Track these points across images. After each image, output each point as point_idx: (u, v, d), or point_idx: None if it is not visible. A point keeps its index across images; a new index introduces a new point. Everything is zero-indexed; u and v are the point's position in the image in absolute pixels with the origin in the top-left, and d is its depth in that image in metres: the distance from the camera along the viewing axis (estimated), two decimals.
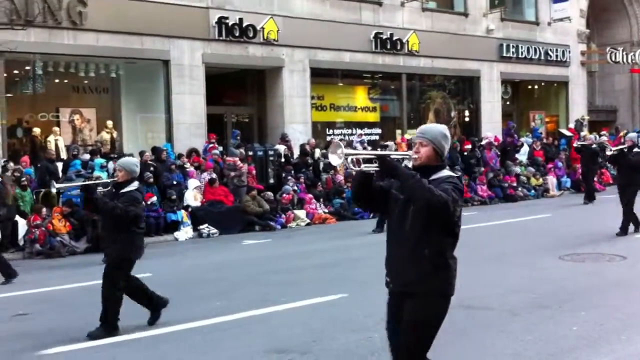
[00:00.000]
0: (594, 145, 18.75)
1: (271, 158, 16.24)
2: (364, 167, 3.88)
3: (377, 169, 3.86)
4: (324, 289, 8.38)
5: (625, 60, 26.36)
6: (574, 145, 19.61)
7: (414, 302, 4.00)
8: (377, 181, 4.06)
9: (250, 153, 16.47)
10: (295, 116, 18.70)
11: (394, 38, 20.46)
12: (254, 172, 15.96)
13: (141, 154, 15.11)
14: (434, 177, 3.88)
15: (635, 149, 12.23)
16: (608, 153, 13.15)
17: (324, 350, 6.04)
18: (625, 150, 12.39)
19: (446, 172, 3.95)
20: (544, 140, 23.74)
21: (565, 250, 10.50)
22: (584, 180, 19.10)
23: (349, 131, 20.39)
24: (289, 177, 16.18)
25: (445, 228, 3.90)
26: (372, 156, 3.93)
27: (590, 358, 5.58)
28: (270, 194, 15.55)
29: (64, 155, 15.29)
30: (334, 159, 3.84)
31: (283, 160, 16.75)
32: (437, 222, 3.84)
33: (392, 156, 3.95)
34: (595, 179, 21.16)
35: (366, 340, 6.24)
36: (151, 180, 13.94)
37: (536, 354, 5.75)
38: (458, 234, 4.00)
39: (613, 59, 26.09)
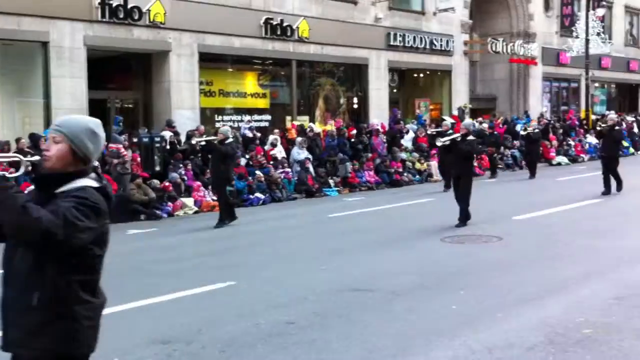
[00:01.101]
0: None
1: (157, 145, 15.81)
2: None
3: None
4: (212, 278, 8.28)
5: (505, 50, 27.52)
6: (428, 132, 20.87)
7: None
8: None
9: (135, 140, 15.98)
10: (182, 102, 18.31)
11: (284, 24, 20.42)
12: (138, 159, 15.50)
13: (17, 140, 14.34)
14: (63, 188, 2.85)
15: (469, 137, 11.88)
16: (438, 144, 12.76)
17: (211, 338, 5.96)
18: (459, 139, 11.89)
19: (81, 183, 2.89)
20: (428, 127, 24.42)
21: (447, 233, 10.90)
22: None
23: (239, 117, 20.20)
24: (177, 165, 15.85)
25: (68, 263, 2.81)
26: None
27: (469, 335, 5.79)
28: (156, 181, 15.17)
29: None
30: None
31: (169, 147, 16.37)
32: (48, 255, 2.76)
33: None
34: (475, 163, 22.10)
35: (254, 327, 6.22)
36: (29, 169, 13.21)
37: (418, 332, 5.92)
38: (96, 267, 3.00)
39: (493, 49, 27.17)
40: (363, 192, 18.61)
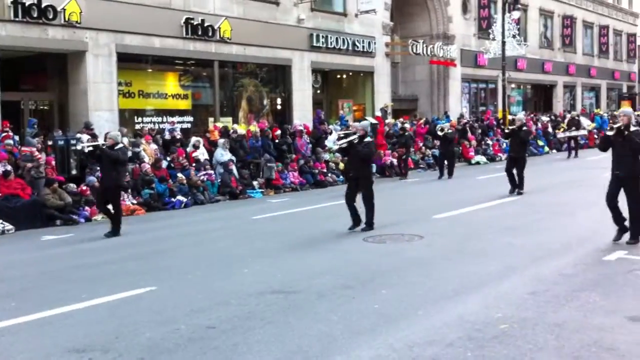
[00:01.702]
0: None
1: (73, 148, 15.28)
2: None
3: None
4: (131, 283, 8.07)
5: (425, 52, 28.03)
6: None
7: None
8: None
9: (50, 142, 15.42)
10: (100, 103, 17.80)
11: (206, 24, 20.16)
12: (53, 162, 14.96)
13: None
14: None
15: (367, 139, 11.50)
16: (334, 147, 12.84)
17: (129, 346, 5.80)
18: (356, 140, 11.51)
19: None
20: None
21: (369, 233, 10.99)
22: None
23: (159, 119, 19.82)
24: (94, 168, 15.38)
25: None
26: None
27: (390, 333, 5.84)
28: (72, 185, 14.69)
29: None
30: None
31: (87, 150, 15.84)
32: None
33: None
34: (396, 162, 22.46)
35: (173, 333, 6.08)
36: None
37: (340, 332, 5.92)
38: None
39: (414, 50, 27.64)
40: (287, 193, 18.58)
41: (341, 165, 21.33)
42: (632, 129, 9.25)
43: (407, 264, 8.73)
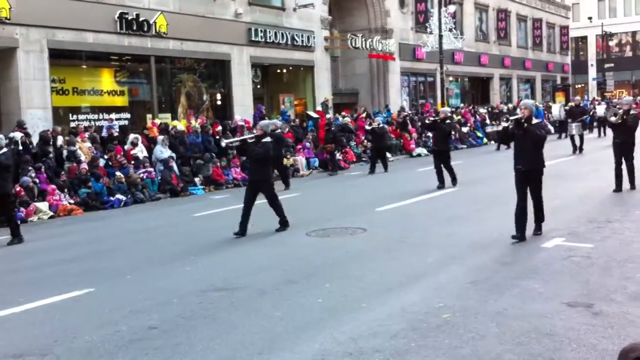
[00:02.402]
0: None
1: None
2: None
3: None
4: (69, 285, 7.86)
5: (364, 46, 28.18)
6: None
7: None
8: None
9: None
10: (33, 101, 17.26)
11: (141, 19, 19.77)
12: None
13: None
14: None
15: (265, 139, 10.77)
16: (223, 144, 12.42)
17: (67, 349, 5.65)
18: (253, 139, 10.87)
19: None
20: (292, 123, 24.60)
21: (313, 227, 10.96)
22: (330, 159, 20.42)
23: (95, 116, 19.35)
24: (29, 168, 14.92)
25: None
26: None
27: (334, 327, 5.82)
28: None
29: None
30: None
31: (21, 148, 15.37)
32: None
33: None
34: (340, 157, 22.50)
35: (113, 335, 5.95)
36: None
37: (284, 328, 5.88)
38: None
39: (353, 44, 27.73)
40: (230, 189, 18.41)
41: (285, 161, 21.24)
42: (535, 121, 9.15)
43: (351, 257, 8.74)
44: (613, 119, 13.04)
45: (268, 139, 10.88)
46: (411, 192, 14.77)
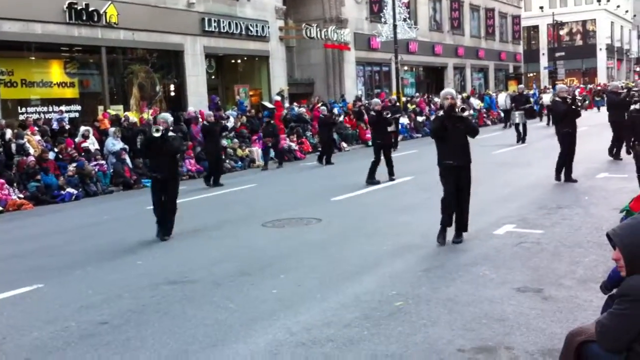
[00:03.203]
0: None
1: None
2: None
3: None
4: (16, 282, 7.66)
5: (319, 36, 28.11)
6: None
7: None
8: None
9: None
10: None
11: (90, 9, 19.36)
12: None
13: None
14: None
15: (170, 134, 10.12)
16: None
17: (15, 347, 5.53)
18: (158, 134, 9.72)
19: None
20: (247, 113, 24.44)
21: (268, 217, 10.91)
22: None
23: (45, 109, 18.91)
24: None
25: None
26: None
27: (289, 318, 5.81)
28: None
29: None
30: None
31: None
32: None
33: None
34: (296, 147, 22.45)
35: (63, 331, 5.83)
36: None
37: (238, 320, 5.84)
38: None
39: (308, 34, 27.65)
40: (184, 181, 18.17)
41: (239, 152, 21.13)
42: (465, 113, 8.46)
43: (306, 247, 8.73)
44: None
45: (172, 134, 10.22)
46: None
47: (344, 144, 25.15)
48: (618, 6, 70.74)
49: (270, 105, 24.71)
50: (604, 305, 3.74)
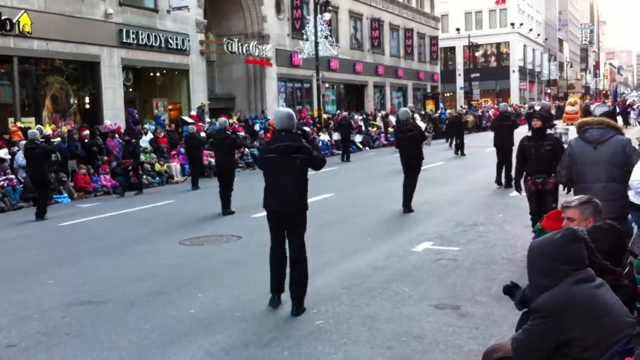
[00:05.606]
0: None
1: None
2: None
3: None
4: None
5: (240, 50, 27.96)
6: None
7: None
8: None
9: None
10: None
11: (3, 17, 18.59)
12: None
13: None
14: None
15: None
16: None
17: None
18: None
19: None
20: (167, 128, 24.02)
21: (186, 235, 10.69)
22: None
23: None
24: None
25: None
26: None
27: (206, 338, 5.68)
28: None
29: None
30: None
31: None
32: None
33: None
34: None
35: None
36: None
37: (153, 342, 5.67)
38: None
39: (230, 49, 27.45)
40: (99, 197, 17.66)
41: (157, 167, 20.71)
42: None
43: (225, 265, 8.59)
44: None
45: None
46: None
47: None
48: (530, 30, 73.84)
49: (189, 120, 24.38)
50: (519, 321, 3.82)
